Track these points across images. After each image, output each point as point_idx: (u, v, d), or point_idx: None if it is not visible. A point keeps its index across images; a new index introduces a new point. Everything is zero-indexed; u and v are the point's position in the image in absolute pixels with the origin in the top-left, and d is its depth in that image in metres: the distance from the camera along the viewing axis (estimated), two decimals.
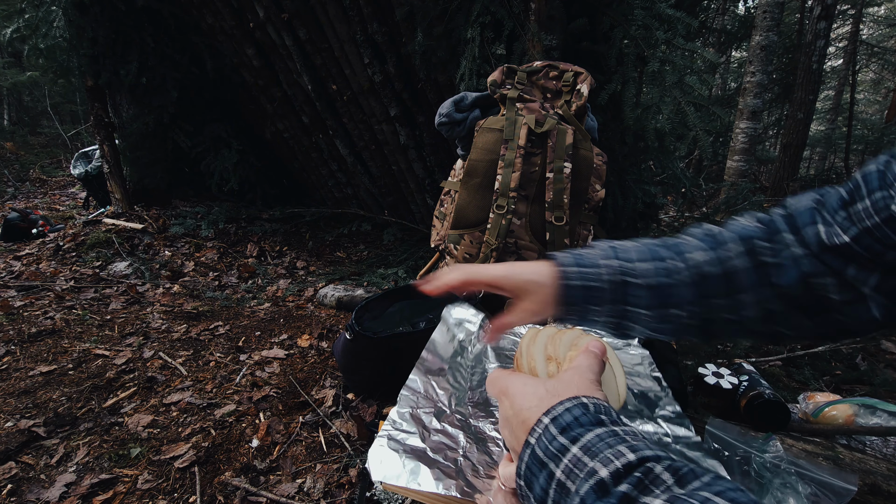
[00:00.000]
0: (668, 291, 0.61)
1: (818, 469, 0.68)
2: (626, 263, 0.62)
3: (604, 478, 0.37)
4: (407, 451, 0.60)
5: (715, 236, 0.64)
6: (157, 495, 1.27)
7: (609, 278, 0.61)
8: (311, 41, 2.89)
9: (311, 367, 1.91)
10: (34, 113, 9.41)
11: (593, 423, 0.42)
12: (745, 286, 0.60)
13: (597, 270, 0.62)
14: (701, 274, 0.61)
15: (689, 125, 1.91)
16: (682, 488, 0.34)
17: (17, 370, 1.79)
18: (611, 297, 0.61)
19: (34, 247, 3.28)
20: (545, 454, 0.42)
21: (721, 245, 0.63)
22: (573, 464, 0.39)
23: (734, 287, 0.60)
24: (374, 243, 3.79)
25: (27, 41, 3.37)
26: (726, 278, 0.61)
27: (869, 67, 11.63)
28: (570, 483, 0.39)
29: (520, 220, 1.42)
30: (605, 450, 0.39)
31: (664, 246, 0.65)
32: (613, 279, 0.61)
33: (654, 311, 0.61)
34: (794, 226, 0.60)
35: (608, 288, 0.61)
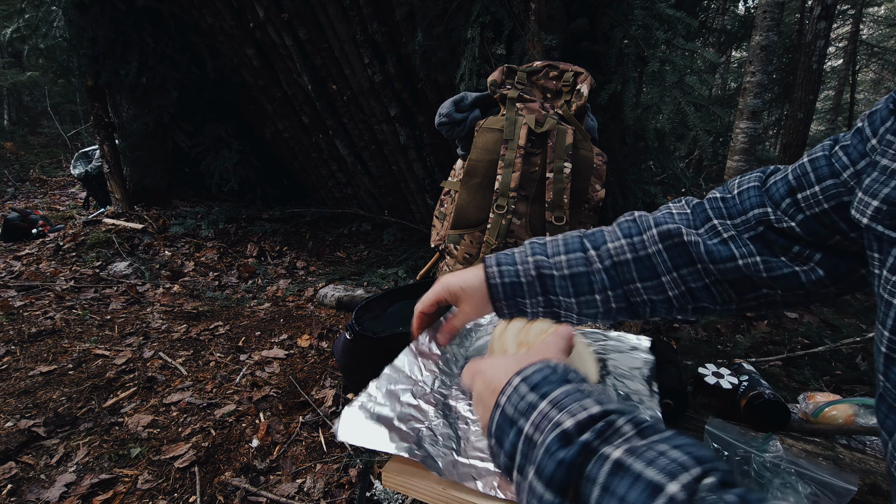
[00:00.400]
0: (586, 279, 0.67)
1: (818, 469, 0.68)
2: (542, 258, 0.69)
3: (567, 428, 0.38)
4: (373, 417, 0.62)
5: (640, 223, 0.68)
6: (157, 495, 1.27)
7: (525, 273, 0.69)
8: (311, 41, 2.89)
9: (311, 367, 1.91)
10: (34, 113, 9.41)
11: (561, 381, 0.44)
12: (667, 268, 0.65)
13: (515, 268, 0.69)
14: (617, 262, 0.67)
15: (689, 125, 1.91)
16: (643, 439, 0.36)
17: (17, 370, 1.79)
18: (530, 289, 0.69)
19: (34, 247, 3.28)
20: (515, 410, 0.44)
21: (643, 232, 0.67)
22: (541, 416, 0.41)
23: (656, 271, 0.65)
24: (374, 243, 3.79)
25: (27, 41, 3.37)
26: (647, 262, 0.66)
27: (869, 67, 11.62)
28: (536, 435, 0.41)
29: (520, 220, 1.42)
30: (571, 403, 0.40)
31: (586, 237, 0.70)
32: (529, 273, 0.69)
33: (577, 299, 0.68)
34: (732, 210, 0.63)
35: (526, 282, 0.69)
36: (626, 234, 0.68)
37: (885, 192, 0.46)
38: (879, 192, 0.46)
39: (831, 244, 0.56)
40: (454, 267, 1.50)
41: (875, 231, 0.47)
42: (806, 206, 0.56)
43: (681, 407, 0.94)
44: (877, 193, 0.47)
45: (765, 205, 0.59)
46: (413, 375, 0.73)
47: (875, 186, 0.47)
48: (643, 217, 0.69)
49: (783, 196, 0.58)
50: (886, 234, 0.46)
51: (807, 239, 0.57)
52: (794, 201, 0.57)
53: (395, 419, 0.62)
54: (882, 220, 0.46)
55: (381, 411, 0.63)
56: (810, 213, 0.55)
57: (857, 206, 0.49)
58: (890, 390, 0.47)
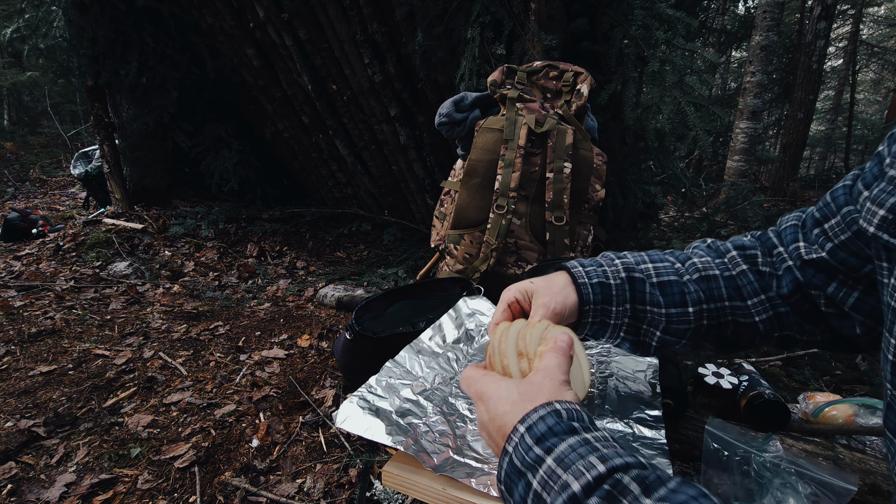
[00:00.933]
0: (678, 289, 0.63)
1: (818, 469, 0.68)
2: (629, 261, 0.66)
3: (576, 491, 0.38)
4: (371, 410, 0.63)
5: (717, 248, 0.67)
6: (157, 495, 1.27)
7: (615, 275, 0.64)
8: (311, 41, 2.89)
9: (311, 367, 1.91)
10: (34, 113, 9.41)
11: (566, 432, 0.43)
12: (751, 292, 0.63)
13: (602, 269, 0.65)
14: (707, 276, 0.64)
15: (689, 125, 1.91)
16: (649, 497, 0.36)
17: (17, 370, 1.79)
18: (619, 294, 0.64)
19: (34, 247, 3.28)
20: (522, 464, 0.43)
21: (724, 254, 0.66)
22: (548, 475, 0.41)
23: (741, 293, 0.63)
24: (374, 243, 3.79)
25: (27, 41, 3.37)
26: (733, 283, 0.64)
27: (869, 67, 11.63)
28: (545, 495, 0.40)
29: (520, 220, 1.42)
30: (577, 461, 0.40)
31: (666, 252, 0.68)
32: (619, 275, 0.64)
33: (667, 310, 0.63)
34: (783, 242, 0.63)
35: (616, 283, 0.64)
36: (707, 254, 0.66)
37: (891, 201, 0.46)
38: (886, 202, 0.47)
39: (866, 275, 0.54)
40: (454, 267, 1.50)
41: (881, 240, 0.47)
42: (832, 234, 0.56)
43: (681, 407, 0.94)
44: (883, 203, 0.47)
45: (798, 239, 0.60)
46: (413, 371, 0.74)
47: (882, 196, 0.47)
48: (716, 242, 0.68)
49: (812, 227, 0.59)
50: (892, 242, 0.45)
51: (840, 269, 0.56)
52: (822, 231, 0.57)
53: (394, 413, 0.63)
54: (888, 229, 0.46)
55: (380, 404, 0.64)
56: (837, 242, 0.55)
57: (865, 215, 0.49)
58: None
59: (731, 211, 3.05)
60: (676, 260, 0.67)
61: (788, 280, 0.61)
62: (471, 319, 0.94)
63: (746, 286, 0.63)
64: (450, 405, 0.67)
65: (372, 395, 0.66)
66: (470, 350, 0.84)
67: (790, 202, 5.96)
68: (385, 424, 0.60)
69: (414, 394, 0.68)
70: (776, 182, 6.56)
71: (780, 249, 0.63)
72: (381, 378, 0.70)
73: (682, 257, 0.67)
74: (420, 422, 0.63)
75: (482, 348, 0.85)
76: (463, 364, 0.80)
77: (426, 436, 0.60)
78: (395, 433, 0.59)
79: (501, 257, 1.45)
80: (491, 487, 0.52)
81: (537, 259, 1.45)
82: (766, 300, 0.62)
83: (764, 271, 0.63)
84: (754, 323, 0.63)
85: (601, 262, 0.67)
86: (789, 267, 0.61)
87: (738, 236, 0.69)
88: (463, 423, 0.63)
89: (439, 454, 0.57)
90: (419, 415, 0.64)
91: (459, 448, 0.58)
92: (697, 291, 0.63)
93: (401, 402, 0.66)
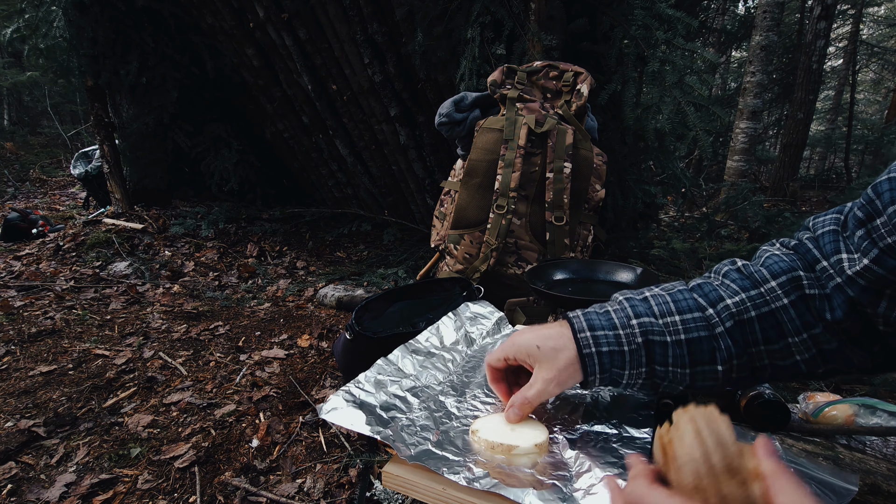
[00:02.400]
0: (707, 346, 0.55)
1: (818, 469, 0.68)
2: (648, 319, 0.57)
3: None
4: (356, 403, 0.64)
5: (751, 275, 0.57)
6: (157, 495, 1.27)
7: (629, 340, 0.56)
8: (311, 41, 2.89)
9: (311, 367, 1.91)
10: (34, 113, 9.41)
11: None
12: (792, 329, 0.54)
13: (615, 333, 0.57)
14: (741, 321, 0.55)
15: (689, 125, 1.91)
16: None
17: (17, 370, 1.79)
18: (633, 359, 0.56)
19: (34, 247, 3.28)
20: None
21: (760, 284, 0.56)
22: None
23: (782, 330, 0.55)
24: (374, 243, 3.79)
25: (27, 41, 3.37)
26: (773, 320, 0.55)
27: (869, 67, 11.63)
28: None
29: (520, 220, 1.42)
30: None
31: (695, 291, 0.59)
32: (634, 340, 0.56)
33: (692, 369, 0.56)
34: (824, 253, 0.54)
35: (630, 350, 0.56)
36: (742, 287, 0.57)
37: None
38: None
39: None
40: (454, 267, 1.50)
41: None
42: (878, 236, 0.48)
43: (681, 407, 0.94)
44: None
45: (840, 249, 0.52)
46: (404, 369, 0.74)
47: None
48: (749, 266, 0.58)
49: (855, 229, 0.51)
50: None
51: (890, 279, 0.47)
52: (866, 233, 0.49)
53: (378, 407, 0.64)
54: None
55: (365, 398, 0.65)
56: (884, 244, 0.47)
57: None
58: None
59: (731, 211, 3.05)
60: (707, 303, 0.57)
61: (841, 301, 0.52)
62: (473, 323, 0.94)
63: (787, 323, 0.54)
64: (438, 403, 0.67)
65: (358, 390, 0.67)
66: (468, 352, 0.84)
67: (790, 202, 5.96)
68: (366, 416, 0.61)
69: (402, 390, 0.69)
70: (776, 182, 6.56)
71: (823, 264, 0.53)
72: (370, 374, 0.71)
73: (713, 296, 0.57)
74: (403, 416, 0.63)
75: (483, 349, 0.85)
76: (458, 364, 0.79)
77: (407, 429, 0.60)
78: (374, 423, 0.60)
79: (501, 257, 1.45)
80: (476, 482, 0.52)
81: (537, 259, 1.45)
82: (808, 339, 0.54)
83: (811, 295, 0.54)
84: (795, 363, 0.56)
85: (615, 322, 0.57)
86: (838, 285, 0.52)
87: (769, 250, 0.59)
88: (448, 419, 0.63)
89: (417, 446, 0.57)
90: (403, 409, 0.65)
91: (440, 442, 0.58)
92: (729, 347, 0.55)
93: (387, 397, 0.67)
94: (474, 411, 0.65)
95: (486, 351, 0.84)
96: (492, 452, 0.56)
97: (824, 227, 0.55)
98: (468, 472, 0.53)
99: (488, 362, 0.63)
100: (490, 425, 0.59)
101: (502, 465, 0.54)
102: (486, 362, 0.64)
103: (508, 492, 0.50)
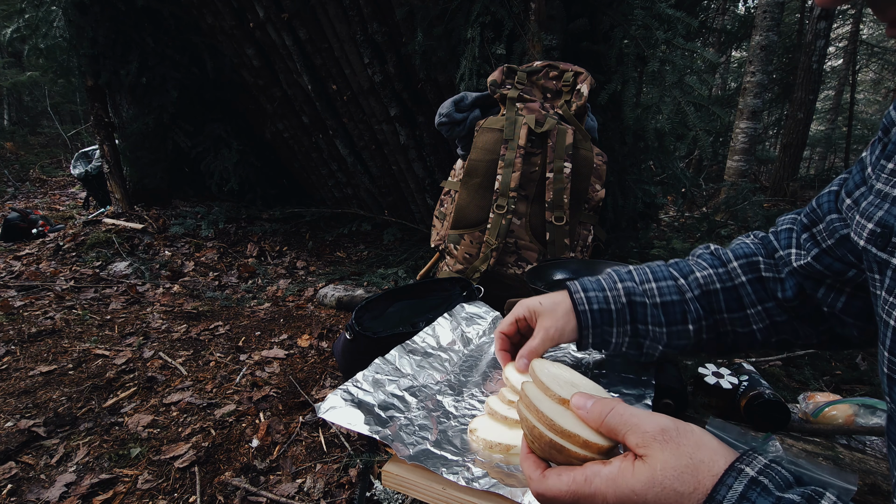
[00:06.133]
0: (679, 308, 0.66)
1: (818, 469, 0.68)
2: (630, 284, 0.68)
3: None
4: (355, 402, 0.64)
5: (720, 256, 0.69)
6: (157, 495, 1.27)
7: (615, 300, 0.67)
8: (311, 41, 2.89)
9: (311, 367, 1.91)
10: (34, 113, 9.41)
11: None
12: (749, 303, 0.65)
13: (603, 294, 0.67)
14: (707, 291, 0.66)
15: (689, 125, 1.91)
16: None
17: (17, 370, 1.79)
18: (619, 317, 0.66)
19: (34, 247, 3.28)
20: None
21: (726, 263, 0.68)
22: None
23: (742, 303, 0.65)
24: (374, 243, 3.79)
25: (27, 41, 3.37)
26: (734, 294, 0.66)
27: (869, 67, 11.62)
28: None
29: (520, 220, 1.42)
30: None
31: (671, 266, 0.70)
32: (619, 300, 0.67)
33: (668, 328, 0.66)
34: (780, 245, 0.65)
35: (616, 309, 0.66)
36: (711, 265, 0.68)
37: (878, 215, 0.47)
38: (874, 216, 0.47)
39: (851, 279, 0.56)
40: (454, 267, 1.50)
41: (871, 253, 0.48)
42: (820, 239, 0.58)
43: (680, 407, 0.94)
44: (871, 217, 0.48)
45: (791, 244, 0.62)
46: (402, 369, 0.75)
47: (870, 210, 0.48)
48: (719, 249, 0.70)
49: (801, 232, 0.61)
50: (880, 256, 0.46)
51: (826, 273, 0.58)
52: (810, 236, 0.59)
53: (376, 406, 0.64)
54: (876, 243, 0.47)
55: (363, 397, 0.66)
56: (824, 247, 0.57)
57: (855, 228, 0.50)
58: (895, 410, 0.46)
59: (731, 211, 3.05)
60: (679, 274, 0.69)
61: (792, 283, 0.63)
62: (469, 323, 0.94)
63: (744, 297, 0.66)
64: (436, 402, 0.67)
65: (356, 389, 0.67)
66: (465, 351, 0.84)
67: (790, 202, 5.96)
68: (364, 415, 0.61)
69: (400, 389, 0.69)
70: (776, 182, 6.56)
71: (780, 253, 0.65)
72: (367, 374, 0.71)
73: (685, 270, 0.69)
74: (402, 415, 0.63)
75: (479, 349, 0.85)
76: (454, 363, 0.79)
77: (405, 428, 0.61)
78: (372, 423, 0.60)
79: (501, 257, 1.45)
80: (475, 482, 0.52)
81: (537, 259, 1.45)
82: (762, 311, 0.65)
83: (766, 277, 0.65)
84: (752, 331, 0.66)
85: (604, 286, 0.69)
86: (790, 271, 0.63)
87: (741, 239, 0.71)
88: (447, 419, 0.64)
89: (416, 446, 0.57)
90: (402, 409, 0.65)
91: (438, 442, 0.58)
92: (698, 309, 0.66)
93: (385, 396, 0.67)
94: (472, 410, 0.66)
95: (483, 350, 0.84)
96: (490, 451, 0.56)
97: (783, 224, 0.66)
98: (467, 471, 0.53)
99: (499, 329, 0.71)
100: (488, 425, 0.59)
101: (500, 465, 0.55)
102: (498, 330, 0.71)
103: (507, 491, 0.50)
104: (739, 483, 0.35)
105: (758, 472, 0.35)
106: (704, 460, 0.36)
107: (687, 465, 0.36)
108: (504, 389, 0.66)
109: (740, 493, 0.34)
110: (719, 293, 0.66)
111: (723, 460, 0.36)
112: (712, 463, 0.36)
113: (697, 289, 0.67)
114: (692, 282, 0.67)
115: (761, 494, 0.34)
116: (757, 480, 0.35)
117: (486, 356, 0.82)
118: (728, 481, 0.35)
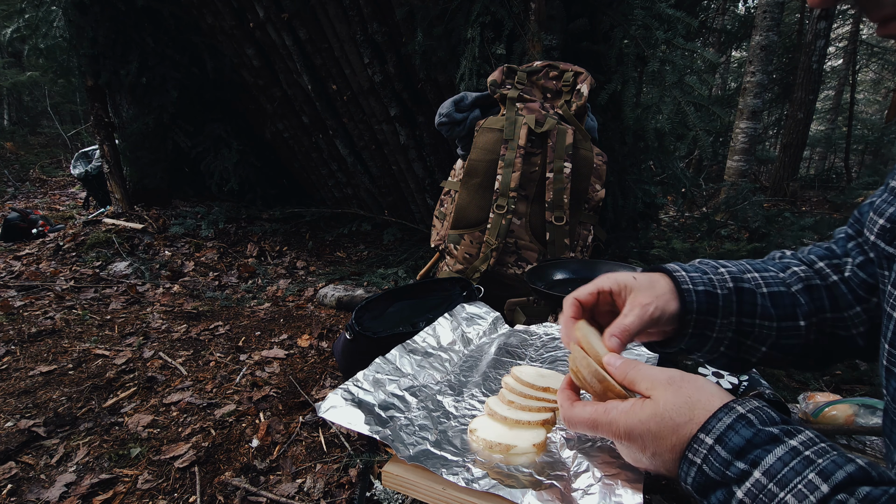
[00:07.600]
0: (790, 300, 0.58)
1: None
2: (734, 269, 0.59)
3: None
4: (355, 402, 0.64)
5: (802, 258, 0.64)
6: (157, 495, 1.27)
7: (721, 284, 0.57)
8: (311, 41, 2.89)
9: (311, 367, 1.91)
10: (34, 113, 9.41)
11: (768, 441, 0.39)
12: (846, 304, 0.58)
13: (707, 277, 0.58)
14: (810, 286, 0.59)
15: (689, 125, 1.91)
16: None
17: (17, 370, 1.79)
18: (726, 306, 0.57)
19: (34, 247, 3.28)
20: (720, 476, 0.40)
21: (811, 265, 0.62)
22: (758, 490, 0.37)
23: (839, 304, 0.58)
24: (374, 243, 3.79)
25: (27, 41, 3.37)
26: (832, 293, 0.59)
27: (869, 67, 11.62)
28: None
29: (520, 220, 1.42)
30: (794, 478, 0.36)
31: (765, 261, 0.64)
32: (725, 285, 0.57)
33: (779, 323, 0.57)
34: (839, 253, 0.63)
35: (723, 294, 0.57)
36: (801, 262, 0.62)
37: (890, 211, 0.48)
38: (885, 212, 0.48)
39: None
40: (454, 267, 1.50)
41: (880, 248, 0.48)
42: (867, 248, 0.56)
43: None
44: (883, 212, 0.48)
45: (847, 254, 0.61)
46: (402, 368, 0.74)
47: (883, 206, 0.49)
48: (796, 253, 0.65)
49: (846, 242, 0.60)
50: (888, 250, 0.47)
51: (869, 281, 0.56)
52: (856, 244, 0.58)
53: (376, 406, 0.64)
54: (884, 237, 0.48)
55: (363, 397, 0.66)
56: (871, 256, 0.55)
57: (868, 224, 0.51)
58: (890, 403, 0.47)
59: (731, 211, 3.05)
60: (776, 269, 0.61)
61: None
62: (470, 324, 0.94)
63: (840, 298, 0.58)
64: (436, 402, 0.67)
65: (357, 388, 0.67)
66: (466, 351, 0.84)
67: (790, 202, 5.96)
68: (365, 415, 0.61)
69: (400, 389, 0.69)
70: (776, 182, 6.56)
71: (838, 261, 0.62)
72: (368, 373, 0.71)
73: (781, 265, 0.62)
74: (402, 415, 0.63)
75: (479, 349, 0.85)
76: (454, 363, 0.79)
77: (405, 428, 0.61)
78: (372, 423, 0.60)
79: (501, 257, 1.45)
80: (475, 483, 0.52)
81: (537, 259, 1.45)
82: (861, 312, 0.57)
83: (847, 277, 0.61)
84: (851, 336, 0.59)
85: (704, 269, 0.59)
86: (842, 279, 0.60)
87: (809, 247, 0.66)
88: (447, 419, 0.63)
89: (416, 446, 0.57)
90: (402, 409, 0.65)
91: (438, 442, 0.58)
92: (808, 303, 0.58)
93: (385, 396, 0.67)
94: (472, 411, 0.65)
95: (483, 350, 0.84)
96: (490, 452, 0.56)
97: (839, 234, 0.64)
98: (467, 472, 0.53)
99: (575, 296, 0.58)
100: (488, 425, 0.59)
101: (500, 465, 0.54)
102: (573, 296, 0.59)
103: (507, 492, 0.50)
104: (729, 417, 0.41)
105: (748, 410, 0.41)
106: (702, 399, 0.43)
107: (685, 402, 0.43)
108: (504, 390, 0.65)
109: (728, 425, 0.40)
110: (821, 289, 0.59)
111: (719, 401, 0.42)
112: (709, 402, 0.42)
113: (799, 283, 0.59)
114: (791, 276, 0.60)
115: (745, 426, 0.40)
116: (744, 416, 0.41)
117: (486, 356, 0.82)
118: (720, 415, 0.41)
